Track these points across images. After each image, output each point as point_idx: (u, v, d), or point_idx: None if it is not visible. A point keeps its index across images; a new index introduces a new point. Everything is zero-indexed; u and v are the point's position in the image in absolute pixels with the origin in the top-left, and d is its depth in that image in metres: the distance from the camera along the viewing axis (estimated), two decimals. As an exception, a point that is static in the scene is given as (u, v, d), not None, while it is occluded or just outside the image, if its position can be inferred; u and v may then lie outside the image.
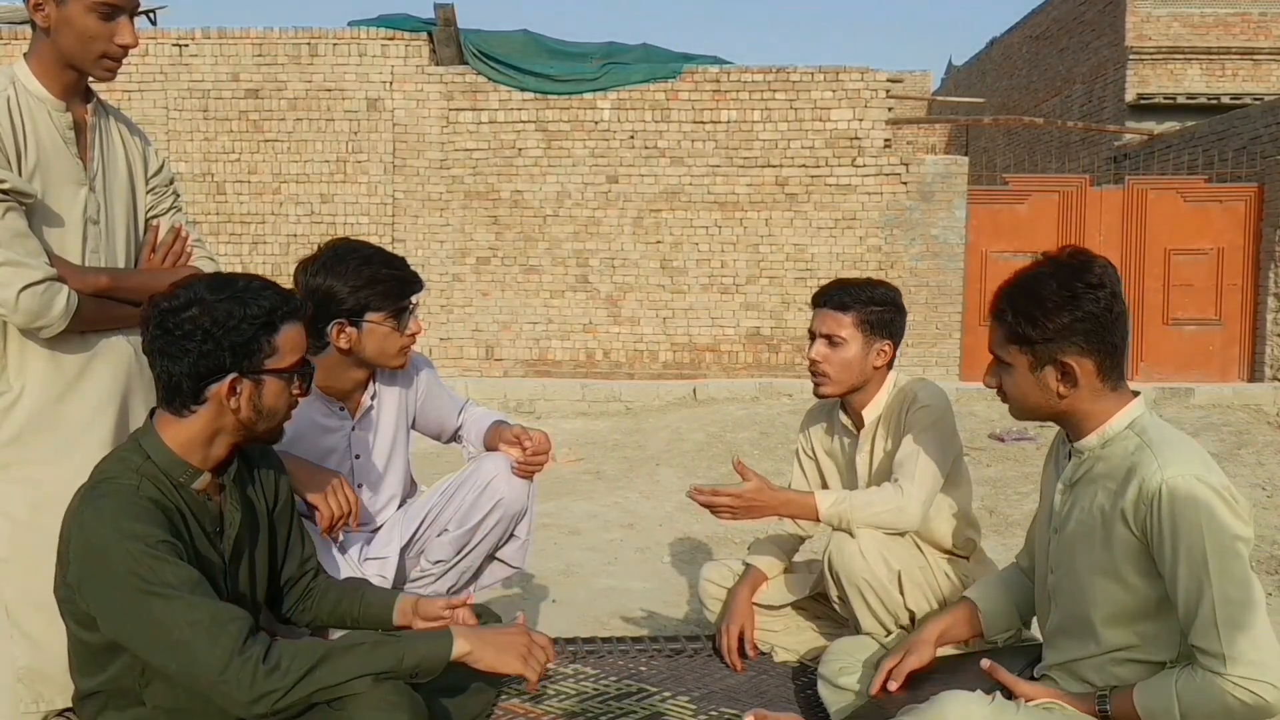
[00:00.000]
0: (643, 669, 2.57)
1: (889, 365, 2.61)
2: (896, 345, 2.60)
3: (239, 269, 10.84)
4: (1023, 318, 1.76)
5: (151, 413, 1.77)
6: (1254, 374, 10.69)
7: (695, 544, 5.03)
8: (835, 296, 2.56)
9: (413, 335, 2.36)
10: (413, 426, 2.63)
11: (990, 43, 18.88)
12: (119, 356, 2.12)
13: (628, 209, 10.75)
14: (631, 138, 10.68)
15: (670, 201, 10.71)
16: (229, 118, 10.77)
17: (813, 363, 2.56)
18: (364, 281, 2.25)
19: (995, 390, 1.91)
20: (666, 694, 2.39)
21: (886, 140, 10.62)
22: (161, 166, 2.27)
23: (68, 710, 2.06)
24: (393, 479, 2.57)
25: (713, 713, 2.30)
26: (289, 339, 1.73)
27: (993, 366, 1.90)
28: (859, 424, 2.65)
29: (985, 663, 1.91)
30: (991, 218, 10.77)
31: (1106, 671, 1.80)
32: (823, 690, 2.25)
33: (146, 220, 2.23)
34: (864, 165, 10.57)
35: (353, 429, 2.44)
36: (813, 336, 2.58)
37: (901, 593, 2.41)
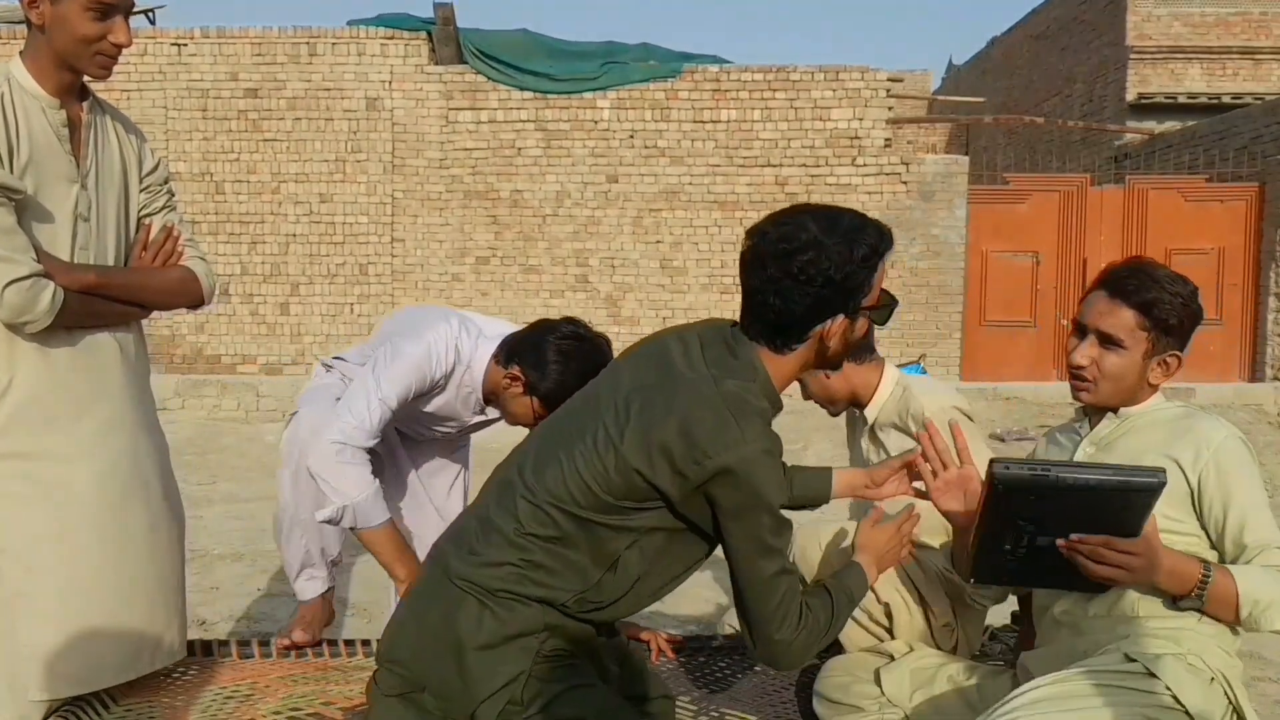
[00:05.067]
0: (643, 670, 2.56)
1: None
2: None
3: (238, 268, 10.86)
4: (1172, 309, 1.86)
5: (730, 337, 1.74)
6: (1254, 373, 10.68)
7: (695, 544, 5.01)
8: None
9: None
10: None
11: (991, 42, 18.88)
12: (106, 354, 2.12)
13: (627, 209, 10.74)
14: (631, 137, 10.67)
15: (670, 201, 10.70)
16: (228, 117, 10.76)
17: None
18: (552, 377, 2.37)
19: (1079, 368, 1.91)
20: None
21: (887, 140, 10.61)
22: (156, 165, 2.27)
23: (69, 706, 2.04)
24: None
25: (713, 713, 2.28)
26: (882, 275, 1.72)
27: (1088, 343, 1.90)
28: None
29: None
30: (992, 217, 10.76)
31: (1104, 614, 1.85)
32: (819, 707, 2.22)
33: (139, 219, 2.22)
34: (864, 165, 10.56)
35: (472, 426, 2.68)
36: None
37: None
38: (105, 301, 2.08)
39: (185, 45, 10.75)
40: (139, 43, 10.71)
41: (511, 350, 2.39)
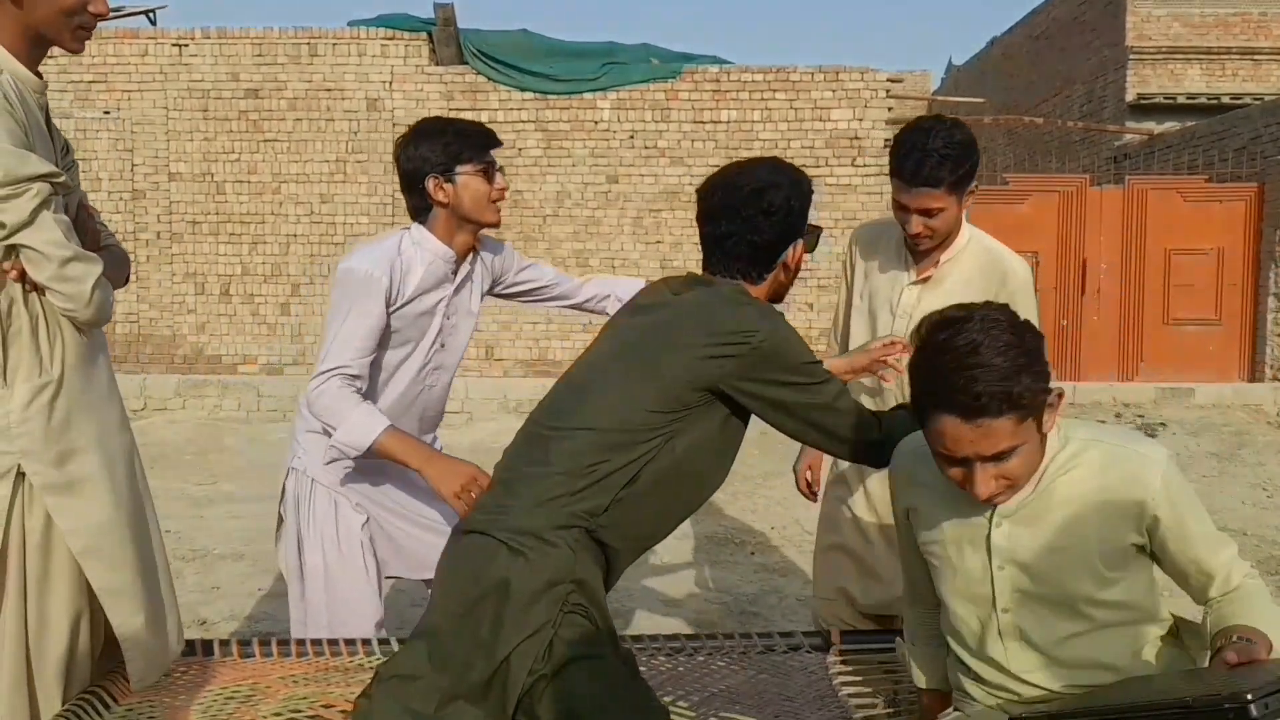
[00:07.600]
0: (642, 669, 2.56)
1: None
2: None
3: (238, 269, 10.86)
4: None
5: (703, 281, 1.98)
6: (1254, 374, 10.69)
7: (695, 544, 5.03)
8: None
9: (501, 190, 2.56)
10: (491, 291, 2.77)
11: (990, 42, 18.89)
12: (104, 342, 2.11)
13: (628, 209, 10.76)
14: (631, 138, 10.68)
15: (670, 202, 10.71)
16: (229, 117, 10.77)
17: None
18: (451, 138, 2.50)
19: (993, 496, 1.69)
20: (666, 697, 2.38)
21: (887, 140, 10.62)
22: (67, 142, 2.16)
23: (71, 706, 2.05)
24: (464, 341, 2.75)
25: (712, 717, 2.29)
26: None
27: (985, 472, 1.65)
28: None
29: None
30: (991, 217, 10.75)
31: (1083, 645, 1.74)
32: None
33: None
34: (864, 165, 10.57)
35: (454, 291, 2.61)
36: None
37: None
38: None
39: (186, 45, 10.76)
40: (139, 43, 10.73)
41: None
